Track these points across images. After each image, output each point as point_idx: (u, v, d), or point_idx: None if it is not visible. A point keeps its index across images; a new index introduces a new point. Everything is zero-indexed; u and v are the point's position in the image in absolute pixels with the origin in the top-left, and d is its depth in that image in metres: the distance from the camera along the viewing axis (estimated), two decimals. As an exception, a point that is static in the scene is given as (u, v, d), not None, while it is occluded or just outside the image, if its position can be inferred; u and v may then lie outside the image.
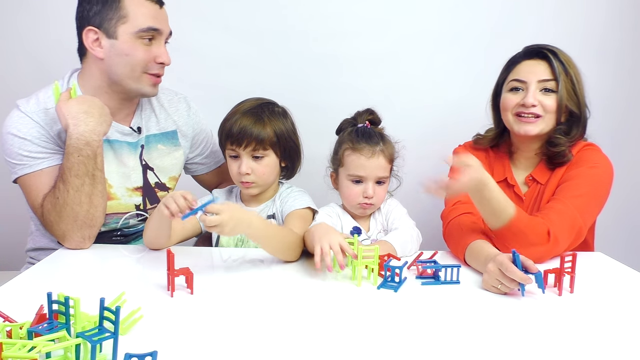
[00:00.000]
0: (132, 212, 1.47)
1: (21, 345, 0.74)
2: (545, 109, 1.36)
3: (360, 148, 1.38)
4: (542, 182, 1.42)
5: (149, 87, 1.38)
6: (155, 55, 1.36)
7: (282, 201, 1.45)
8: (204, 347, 0.86)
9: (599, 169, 1.35)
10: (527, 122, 1.38)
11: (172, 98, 1.56)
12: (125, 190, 1.45)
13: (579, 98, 1.38)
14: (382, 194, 1.41)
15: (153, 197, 1.50)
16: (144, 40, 1.33)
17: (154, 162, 1.50)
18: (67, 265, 1.28)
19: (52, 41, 2.03)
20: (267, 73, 2.09)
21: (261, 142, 1.35)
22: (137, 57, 1.34)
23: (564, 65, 1.36)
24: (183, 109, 1.56)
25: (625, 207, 2.21)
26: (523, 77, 1.38)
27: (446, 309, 1.04)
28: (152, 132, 1.50)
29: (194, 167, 1.66)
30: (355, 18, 2.11)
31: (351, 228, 1.43)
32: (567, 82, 1.36)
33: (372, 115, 1.45)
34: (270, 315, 0.99)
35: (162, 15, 1.37)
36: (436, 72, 2.14)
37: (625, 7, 2.14)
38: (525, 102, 1.36)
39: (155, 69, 1.37)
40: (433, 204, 1.49)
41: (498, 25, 2.09)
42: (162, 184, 1.52)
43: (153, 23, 1.33)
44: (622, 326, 0.97)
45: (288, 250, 1.28)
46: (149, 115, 1.51)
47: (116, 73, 1.35)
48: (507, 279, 1.07)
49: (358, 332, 0.93)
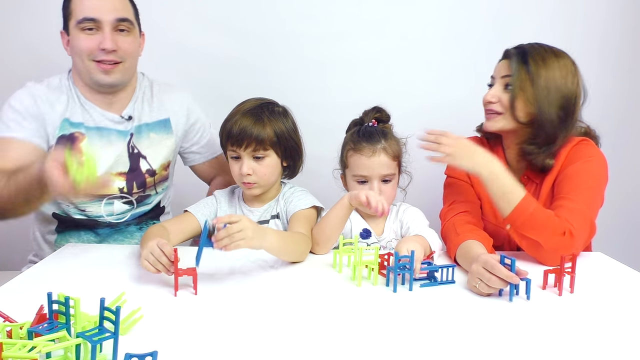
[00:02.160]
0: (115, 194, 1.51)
1: (21, 345, 0.74)
2: (502, 104, 1.37)
3: (360, 148, 1.38)
4: (536, 180, 1.41)
5: (100, 74, 1.42)
6: (99, 42, 1.39)
7: (285, 201, 1.45)
8: (205, 347, 0.86)
9: (594, 161, 1.36)
10: (488, 118, 1.41)
11: (166, 89, 1.61)
12: (109, 174, 1.49)
13: (538, 99, 1.32)
14: (390, 192, 1.40)
15: (142, 183, 1.55)
16: (86, 30, 1.39)
17: (146, 151, 1.54)
18: (67, 265, 1.28)
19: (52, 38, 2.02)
20: (267, 73, 2.09)
21: (261, 143, 1.35)
22: (80, 47, 1.40)
23: (527, 65, 1.33)
24: (177, 99, 1.61)
25: (625, 207, 2.21)
26: (494, 74, 1.42)
27: (446, 309, 1.04)
28: (145, 121, 1.54)
29: (190, 157, 1.70)
30: (355, 18, 2.11)
31: (361, 230, 1.43)
32: (524, 80, 1.33)
33: (380, 113, 1.45)
34: (271, 315, 0.99)
35: (104, 4, 1.39)
36: (437, 72, 2.15)
37: (625, 7, 2.14)
38: (483, 99, 1.40)
39: (100, 55, 1.40)
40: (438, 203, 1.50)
41: (498, 25, 2.09)
42: (153, 170, 1.56)
43: (88, 13, 1.38)
44: (622, 326, 0.97)
45: (299, 255, 1.30)
46: (142, 105, 1.55)
47: (77, 66, 1.45)
48: (492, 279, 1.05)
49: (358, 332, 0.93)
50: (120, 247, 1.45)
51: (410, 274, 1.13)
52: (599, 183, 1.35)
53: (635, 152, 2.22)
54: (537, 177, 1.41)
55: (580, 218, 1.27)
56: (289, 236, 1.30)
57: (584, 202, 1.29)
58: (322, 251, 1.36)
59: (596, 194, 1.34)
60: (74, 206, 1.49)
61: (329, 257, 1.32)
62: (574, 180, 1.33)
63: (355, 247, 1.24)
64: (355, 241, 1.27)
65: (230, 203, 1.49)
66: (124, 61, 1.43)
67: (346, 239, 1.30)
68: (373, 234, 1.43)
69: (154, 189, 1.58)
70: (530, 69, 1.33)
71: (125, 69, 1.45)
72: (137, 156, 1.53)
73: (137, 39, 1.49)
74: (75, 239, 1.52)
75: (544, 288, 1.14)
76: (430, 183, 1.63)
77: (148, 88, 1.58)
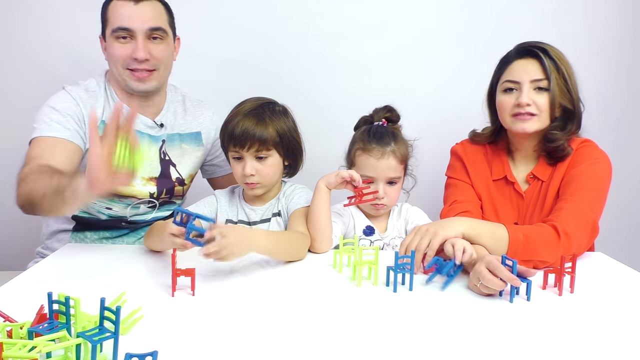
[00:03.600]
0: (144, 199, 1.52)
1: (21, 345, 0.74)
2: (539, 107, 1.37)
3: (370, 149, 1.38)
4: (543, 179, 1.42)
5: (133, 82, 1.45)
6: (132, 51, 1.42)
7: (287, 199, 1.46)
8: (205, 347, 0.86)
9: (599, 163, 1.37)
10: (523, 120, 1.38)
11: (197, 104, 1.67)
12: (141, 179, 1.50)
13: (571, 94, 1.38)
14: (394, 194, 1.41)
15: (171, 190, 1.57)
16: (119, 39, 1.42)
17: (176, 159, 1.57)
18: (67, 265, 1.28)
19: (53, 42, 2.04)
20: (267, 73, 2.09)
21: (264, 143, 1.35)
22: (115, 55, 1.43)
23: (555, 62, 1.36)
24: (207, 114, 1.66)
25: (625, 207, 2.21)
26: (516, 78, 1.39)
27: (446, 309, 1.04)
28: (177, 131, 1.58)
29: (211, 169, 1.75)
30: (356, 19, 2.11)
31: (364, 227, 1.43)
32: (559, 79, 1.36)
33: (390, 113, 1.45)
34: (271, 315, 0.99)
35: (137, 14, 1.41)
36: (437, 72, 2.15)
37: (625, 7, 2.14)
38: (520, 102, 1.37)
39: (133, 64, 1.43)
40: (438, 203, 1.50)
41: (499, 25, 2.09)
42: (182, 179, 1.59)
43: (122, 22, 1.40)
44: (622, 326, 0.97)
45: (295, 254, 1.30)
46: (174, 116, 1.59)
47: (112, 72, 1.48)
48: (493, 280, 1.05)
49: (358, 332, 0.93)
50: (120, 247, 1.45)
51: (411, 273, 1.13)
52: (602, 184, 1.36)
53: (635, 152, 2.22)
54: (543, 176, 1.42)
55: (579, 218, 1.27)
56: (281, 237, 1.30)
57: (586, 203, 1.30)
58: (320, 246, 1.35)
59: (599, 195, 1.35)
60: (103, 206, 1.49)
61: (329, 257, 1.32)
62: (578, 181, 1.34)
63: (355, 247, 1.24)
64: (355, 241, 1.27)
65: (231, 202, 1.49)
66: (157, 69, 1.46)
67: (349, 237, 1.30)
68: (376, 231, 1.43)
69: (181, 198, 1.62)
70: (559, 67, 1.36)
71: (160, 75, 1.48)
72: (168, 163, 1.55)
73: (171, 45, 1.51)
74: (89, 238, 1.54)
75: (544, 288, 1.14)
76: (433, 185, 1.63)
77: (181, 102, 1.62)
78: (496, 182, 1.48)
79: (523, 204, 1.44)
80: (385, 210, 1.44)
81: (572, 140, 1.41)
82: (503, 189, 1.47)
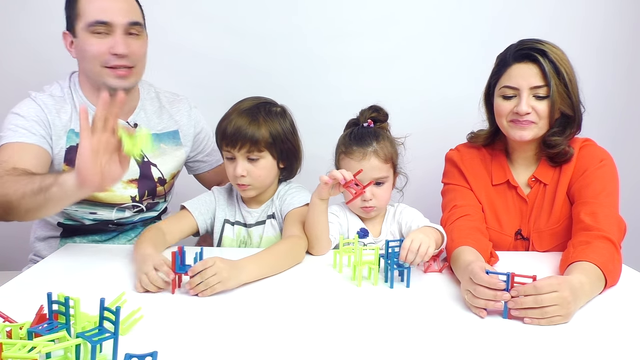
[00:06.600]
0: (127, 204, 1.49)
1: (21, 345, 0.74)
2: (539, 114, 1.32)
3: (351, 152, 1.36)
4: (546, 182, 1.40)
5: (112, 79, 1.37)
6: (110, 46, 1.34)
7: (280, 200, 1.44)
8: (205, 347, 0.86)
9: (606, 165, 1.36)
10: (522, 128, 1.34)
11: (173, 99, 1.60)
12: (121, 182, 1.45)
13: (572, 99, 1.33)
14: (384, 195, 1.39)
15: (152, 190, 1.53)
16: (96, 34, 1.33)
17: (156, 160, 1.53)
18: (67, 265, 1.28)
19: (52, 40, 2.02)
20: (267, 73, 2.09)
21: (256, 144, 1.32)
22: (91, 51, 1.34)
23: (555, 65, 1.30)
24: (184, 109, 1.60)
25: (625, 207, 2.19)
26: (514, 84, 1.33)
27: (446, 309, 1.04)
28: (154, 131, 1.52)
29: (196, 165, 1.69)
30: (356, 19, 2.11)
31: (358, 229, 1.42)
32: (559, 85, 1.31)
33: (377, 113, 1.42)
34: (271, 315, 0.99)
35: (115, 7, 1.34)
36: (437, 72, 2.15)
37: (625, 7, 2.14)
38: (518, 111, 1.32)
39: (112, 60, 1.35)
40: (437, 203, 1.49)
41: (499, 25, 2.09)
42: (164, 179, 1.55)
43: (100, 16, 1.32)
44: (622, 326, 0.97)
45: (292, 262, 1.26)
46: (150, 115, 1.53)
47: (85, 69, 1.40)
48: (477, 288, 1.00)
49: (358, 332, 0.93)
50: (120, 247, 1.45)
51: (408, 270, 1.14)
52: (615, 184, 1.36)
53: (636, 152, 2.22)
54: (545, 178, 1.40)
55: (614, 223, 1.27)
56: (272, 255, 1.23)
57: (611, 205, 1.31)
58: (318, 252, 1.35)
59: (616, 194, 1.35)
60: (87, 211, 1.46)
61: (329, 257, 1.32)
62: (595, 187, 1.33)
63: (355, 247, 1.24)
64: (355, 241, 1.27)
65: (229, 202, 1.48)
66: (135, 65, 1.39)
67: (346, 239, 1.29)
68: (370, 234, 1.42)
69: (163, 198, 1.58)
70: (559, 70, 1.31)
71: (137, 72, 1.42)
72: (147, 164, 1.51)
73: (146, 41, 1.45)
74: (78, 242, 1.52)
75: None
76: (427, 182, 1.62)
77: (155, 99, 1.56)
78: (496, 187, 1.44)
79: (526, 208, 1.41)
80: (376, 213, 1.41)
81: (572, 141, 1.39)
82: (504, 193, 1.43)
